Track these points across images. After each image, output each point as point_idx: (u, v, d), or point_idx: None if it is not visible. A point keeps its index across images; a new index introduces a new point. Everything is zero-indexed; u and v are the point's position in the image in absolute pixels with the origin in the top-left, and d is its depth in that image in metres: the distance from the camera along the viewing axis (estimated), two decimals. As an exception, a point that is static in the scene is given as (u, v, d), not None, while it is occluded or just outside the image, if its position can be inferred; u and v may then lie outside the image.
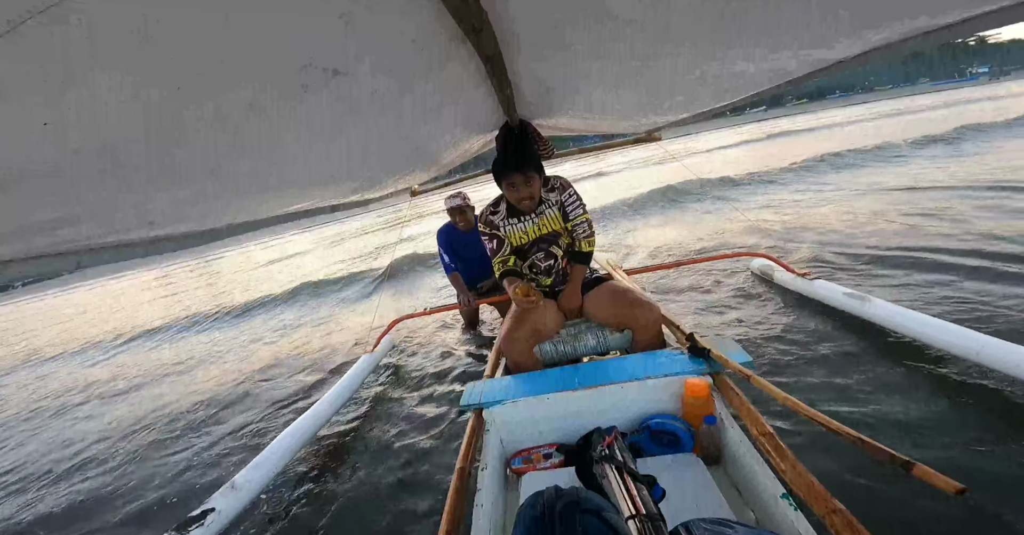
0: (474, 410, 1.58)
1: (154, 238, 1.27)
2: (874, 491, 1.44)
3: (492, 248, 2.06)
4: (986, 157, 6.95)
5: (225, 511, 1.72)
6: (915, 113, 19.38)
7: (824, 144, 12.08)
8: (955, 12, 0.99)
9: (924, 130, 11.08)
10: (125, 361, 6.00)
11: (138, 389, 4.63)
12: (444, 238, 3.54)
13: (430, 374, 3.18)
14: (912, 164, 7.54)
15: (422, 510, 1.82)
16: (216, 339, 6.01)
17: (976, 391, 1.82)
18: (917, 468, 0.90)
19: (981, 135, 9.46)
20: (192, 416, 3.57)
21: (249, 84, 0.72)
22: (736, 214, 5.52)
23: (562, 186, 1.99)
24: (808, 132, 19.21)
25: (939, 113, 17.05)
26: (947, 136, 9.86)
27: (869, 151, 9.75)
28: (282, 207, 1.76)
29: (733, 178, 9.09)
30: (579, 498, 0.77)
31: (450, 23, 0.80)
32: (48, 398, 4.95)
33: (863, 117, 22.33)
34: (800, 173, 8.68)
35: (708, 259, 3.63)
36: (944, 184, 5.58)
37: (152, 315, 9.17)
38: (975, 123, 10.73)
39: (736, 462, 1.27)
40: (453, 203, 3.44)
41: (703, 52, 1.21)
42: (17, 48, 0.44)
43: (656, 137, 3.30)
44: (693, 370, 1.50)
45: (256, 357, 4.71)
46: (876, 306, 2.35)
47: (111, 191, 0.86)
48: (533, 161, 1.92)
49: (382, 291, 5.74)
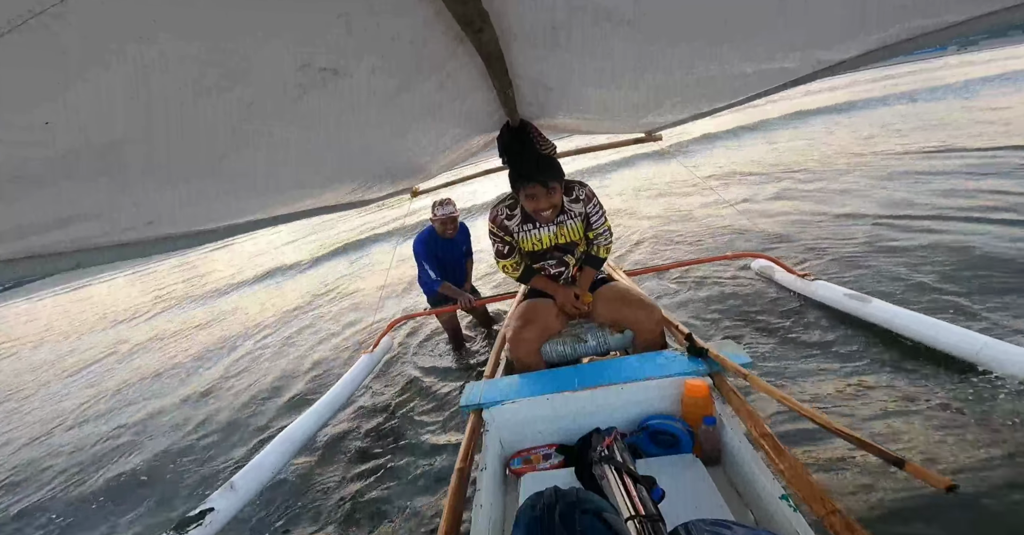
0: (474, 410, 1.58)
1: (153, 238, 1.27)
2: (870, 487, 1.45)
3: (500, 250, 1.97)
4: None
5: (224, 511, 1.72)
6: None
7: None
8: (960, 11, 0.99)
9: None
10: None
11: (134, 391, 4.62)
12: (425, 248, 3.31)
13: (429, 374, 3.18)
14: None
15: (421, 510, 1.82)
16: (217, 340, 6.00)
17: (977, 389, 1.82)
18: (909, 465, 0.93)
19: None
20: (193, 415, 3.57)
21: (247, 84, 0.72)
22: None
23: (587, 197, 1.89)
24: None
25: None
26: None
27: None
28: (282, 208, 1.76)
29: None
30: (579, 499, 0.77)
31: (450, 22, 0.80)
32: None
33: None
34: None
35: (709, 260, 3.63)
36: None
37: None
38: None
39: (735, 463, 1.26)
40: (445, 211, 3.25)
41: (704, 52, 1.21)
42: (18, 47, 0.44)
43: (657, 137, 3.30)
44: (693, 371, 1.50)
45: (257, 356, 4.71)
46: (877, 307, 2.35)
47: (110, 191, 0.86)
48: (555, 170, 1.75)
49: (382, 291, 5.74)
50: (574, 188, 1.89)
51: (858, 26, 1.08)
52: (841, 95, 16.64)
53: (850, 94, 16.35)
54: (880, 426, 1.74)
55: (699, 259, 3.74)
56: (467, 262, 3.63)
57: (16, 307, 23.35)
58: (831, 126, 10.86)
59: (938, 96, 12.13)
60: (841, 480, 1.50)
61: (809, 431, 1.73)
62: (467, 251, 3.61)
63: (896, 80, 19.90)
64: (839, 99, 15.30)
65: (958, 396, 1.81)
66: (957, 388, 1.86)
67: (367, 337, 4.22)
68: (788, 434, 1.74)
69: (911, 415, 1.77)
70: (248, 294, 8.63)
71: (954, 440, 1.59)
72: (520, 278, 2.01)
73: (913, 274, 2.89)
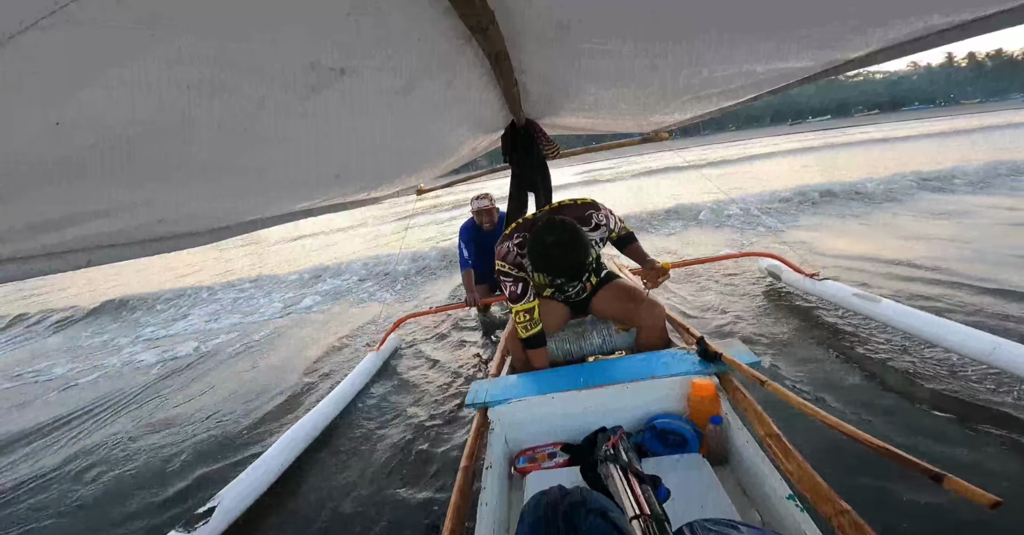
0: (479, 409, 1.58)
1: (164, 236, 1.29)
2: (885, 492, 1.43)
3: (515, 292, 1.75)
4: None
5: (231, 508, 1.74)
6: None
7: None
8: (968, 11, 0.98)
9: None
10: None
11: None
12: (467, 233, 3.69)
13: (435, 372, 3.19)
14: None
15: (427, 508, 1.83)
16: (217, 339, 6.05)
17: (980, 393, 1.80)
18: (948, 480, 0.84)
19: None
20: (192, 415, 3.61)
21: (257, 83, 0.72)
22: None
23: (605, 218, 1.79)
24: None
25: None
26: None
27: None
28: (291, 205, 1.77)
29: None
30: (583, 498, 0.77)
31: (456, 21, 0.80)
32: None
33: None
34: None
35: (716, 259, 3.60)
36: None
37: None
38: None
39: (742, 463, 1.26)
40: (481, 204, 3.60)
41: (711, 51, 1.20)
42: (29, 48, 0.44)
43: (664, 136, 3.29)
44: (699, 370, 1.49)
45: (259, 355, 4.74)
46: (886, 307, 2.33)
47: (121, 189, 0.87)
48: (588, 264, 1.60)
49: (389, 290, 5.77)
50: (592, 217, 1.75)
51: (868, 24, 1.07)
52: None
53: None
54: (902, 434, 1.69)
55: (706, 258, 3.71)
56: None
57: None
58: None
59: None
60: (852, 483, 1.48)
61: (817, 432, 1.71)
62: None
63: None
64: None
65: (971, 401, 1.79)
66: (971, 393, 1.83)
67: (373, 335, 4.24)
68: (796, 434, 1.73)
69: (929, 422, 1.72)
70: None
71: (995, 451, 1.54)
72: (527, 341, 1.81)
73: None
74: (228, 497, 1.78)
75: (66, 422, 3.51)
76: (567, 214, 1.70)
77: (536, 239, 1.55)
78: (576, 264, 1.52)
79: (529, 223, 1.76)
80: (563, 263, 1.52)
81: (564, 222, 1.55)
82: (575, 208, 1.78)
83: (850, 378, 2.09)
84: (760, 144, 26.15)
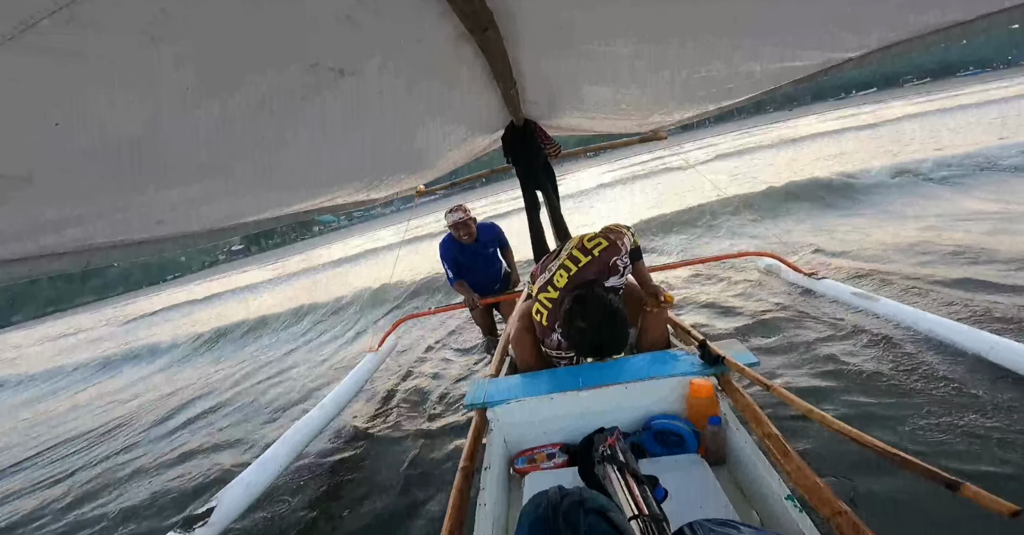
0: (478, 409, 1.58)
1: (162, 238, 1.29)
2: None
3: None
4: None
5: (229, 509, 1.73)
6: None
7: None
8: (966, 9, 0.98)
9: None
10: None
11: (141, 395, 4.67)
12: (448, 251, 3.47)
13: (434, 373, 3.19)
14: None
15: (425, 509, 1.83)
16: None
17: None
18: (966, 488, 0.82)
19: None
20: (193, 414, 3.61)
21: (257, 84, 0.72)
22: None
23: (625, 250, 1.73)
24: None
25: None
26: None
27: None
28: (290, 207, 1.77)
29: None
30: (582, 498, 0.77)
31: (456, 22, 0.80)
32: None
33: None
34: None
35: (715, 259, 3.61)
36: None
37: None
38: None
39: (741, 463, 1.26)
40: (455, 218, 3.35)
41: (710, 52, 1.20)
42: (30, 48, 0.44)
43: (662, 136, 3.29)
44: (698, 371, 1.49)
45: (260, 355, 4.74)
46: (885, 305, 2.33)
47: (120, 190, 0.87)
48: (625, 337, 1.58)
49: (388, 289, 5.77)
50: (617, 264, 1.71)
51: (867, 24, 1.07)
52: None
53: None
54: (899, 433, 1.69)
55: (706, 258, 3.71)
56: (506, 253, 3.64)
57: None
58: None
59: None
60: (847, 484, 1.48)
61: (815, 433, 1.71)
62: (498, 247, 3.60)
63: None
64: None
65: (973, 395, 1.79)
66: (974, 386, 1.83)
67: (372, 336, 4.24)
68: (795, 435, 1.73)
69: (927, 420, 1.73)
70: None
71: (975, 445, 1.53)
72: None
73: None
74: (227, 497, 1.78)
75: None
76: (591, 273, 1.66)
77: (575, 329, 1.54)
78: (621, 336, 1.54)
79: (558, 303, 1.68)
80: (611, 346, 1.55)
81: (593, 299, 1.54)
82: (598, 261, 1.68)
83: (850, 378, 2.09)
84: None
